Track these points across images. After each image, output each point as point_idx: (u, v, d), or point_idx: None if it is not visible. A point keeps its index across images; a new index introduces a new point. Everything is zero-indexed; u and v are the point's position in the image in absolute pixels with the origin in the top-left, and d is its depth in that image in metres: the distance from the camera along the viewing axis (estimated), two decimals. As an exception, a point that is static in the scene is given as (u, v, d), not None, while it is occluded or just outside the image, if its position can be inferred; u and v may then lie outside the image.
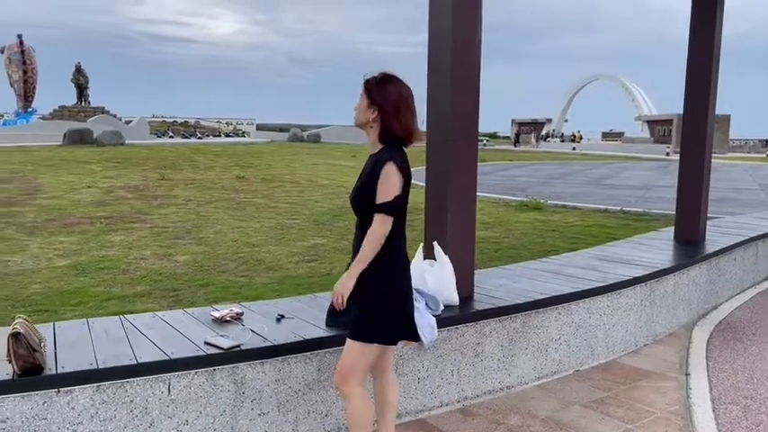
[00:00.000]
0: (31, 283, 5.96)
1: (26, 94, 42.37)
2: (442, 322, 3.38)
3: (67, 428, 2.60)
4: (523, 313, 3.87)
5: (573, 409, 3.64)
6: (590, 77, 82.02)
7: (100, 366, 2.67)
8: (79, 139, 26.55)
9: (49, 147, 24.98)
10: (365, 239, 2.51)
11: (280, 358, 3.03)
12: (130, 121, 43.42)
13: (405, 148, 2.62)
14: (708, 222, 6.48)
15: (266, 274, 6.51)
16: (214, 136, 49.18)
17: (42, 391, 2.55)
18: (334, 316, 3.33)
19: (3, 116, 46.48)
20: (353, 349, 2.60)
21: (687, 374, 4.20)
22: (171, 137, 42.77)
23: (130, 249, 7.52)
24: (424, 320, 2.97)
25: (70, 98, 45.41)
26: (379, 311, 2.57)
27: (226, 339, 2.99)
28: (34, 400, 2.54)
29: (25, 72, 41.48)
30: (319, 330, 3.23)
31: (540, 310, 3.96)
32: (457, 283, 3.65)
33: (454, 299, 3.65)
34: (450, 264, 3.60)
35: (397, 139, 2.57)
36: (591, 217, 11.67)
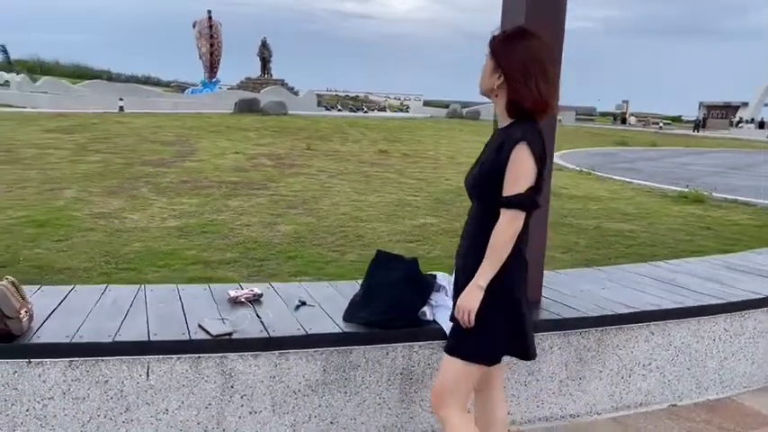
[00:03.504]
0: (135, 241, 6.18)
1: (212, 66, 46.03)
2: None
3: (38, 402, 2.45)
4: (599, 329, 3.14)
5: (649, 456, 2.90)
6: (800, 56, 71.43)
7: (74, 340, 2.48)
8: (247, 108, 28.22)
9: (221, 114, 26.78)
10: (491, 242, 2.02)
11: (276, 352, 2.66)
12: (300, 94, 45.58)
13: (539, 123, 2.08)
14: None
15: (359, 252, 6.20)
16: (379, 110, 50.12)
17: (12, 360, 2.42)
18: (354, 309, 2.91)
19: (196, 85, 50.85)
20: (453, 366, 2.14)
21: (828, 430, 3.21)
22: (339, 110, 44.20)
23: (241, 215, 7.60)
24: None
25: (256, 71, 49.07)
26: (487, 325, 2.06)
27: (219, 324, 2.69)
28: (4, 369, 2.41)
29: (212, 45, 44.99)
30: (331, 325, 2.82)
31: (624, 326, 3.20)
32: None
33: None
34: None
35: (527, 111, 2.04)
36: (766, 216, 9.97)
